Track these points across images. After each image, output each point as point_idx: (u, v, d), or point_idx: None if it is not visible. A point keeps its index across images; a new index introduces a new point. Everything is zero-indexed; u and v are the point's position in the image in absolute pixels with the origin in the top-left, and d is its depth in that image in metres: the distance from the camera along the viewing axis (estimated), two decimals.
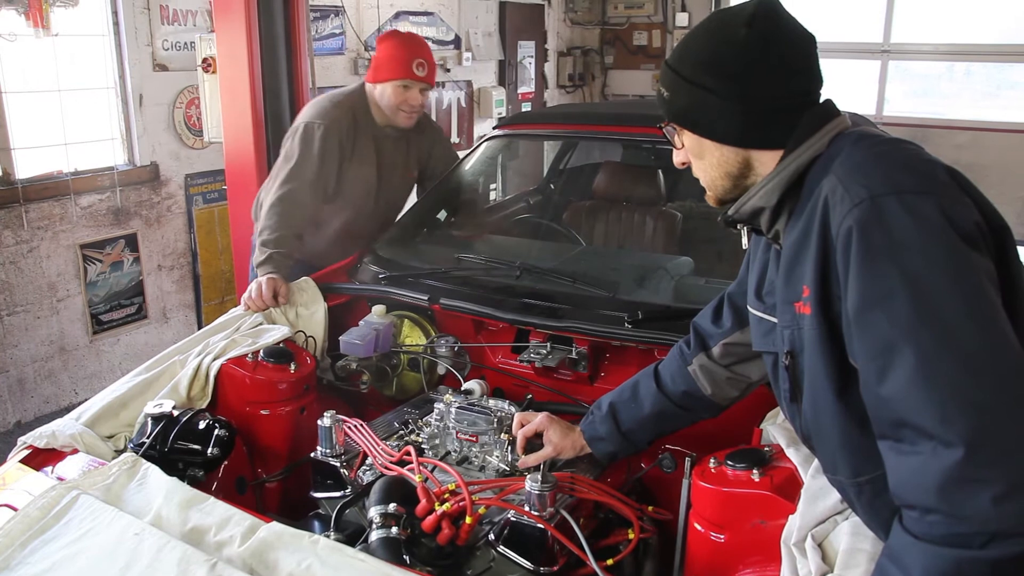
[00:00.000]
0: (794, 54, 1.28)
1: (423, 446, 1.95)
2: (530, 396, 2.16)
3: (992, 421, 0.98)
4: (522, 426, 1.83)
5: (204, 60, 3.84)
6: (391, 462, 1.78)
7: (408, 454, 1.77)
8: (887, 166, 1.15)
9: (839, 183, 1.16)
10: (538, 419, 1.82)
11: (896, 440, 1.07)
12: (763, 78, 1.27)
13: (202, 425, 1.84)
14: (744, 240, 1.48)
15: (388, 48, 2.82)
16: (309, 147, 2.70)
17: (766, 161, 1.32)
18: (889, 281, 1.06)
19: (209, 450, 1.80)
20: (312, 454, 1.88)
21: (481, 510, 1.60)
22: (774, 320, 1.37)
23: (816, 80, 1.31)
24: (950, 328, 1.02)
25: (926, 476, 1.01)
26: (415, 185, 3.17)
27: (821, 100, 1.32)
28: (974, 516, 0.97)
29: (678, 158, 1.42)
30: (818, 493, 1.40)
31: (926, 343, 1.02)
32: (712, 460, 1.55)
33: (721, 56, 1.28)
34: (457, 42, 6.63)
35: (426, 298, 2.31)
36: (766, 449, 1.57)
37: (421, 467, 1.71)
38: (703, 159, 1.37)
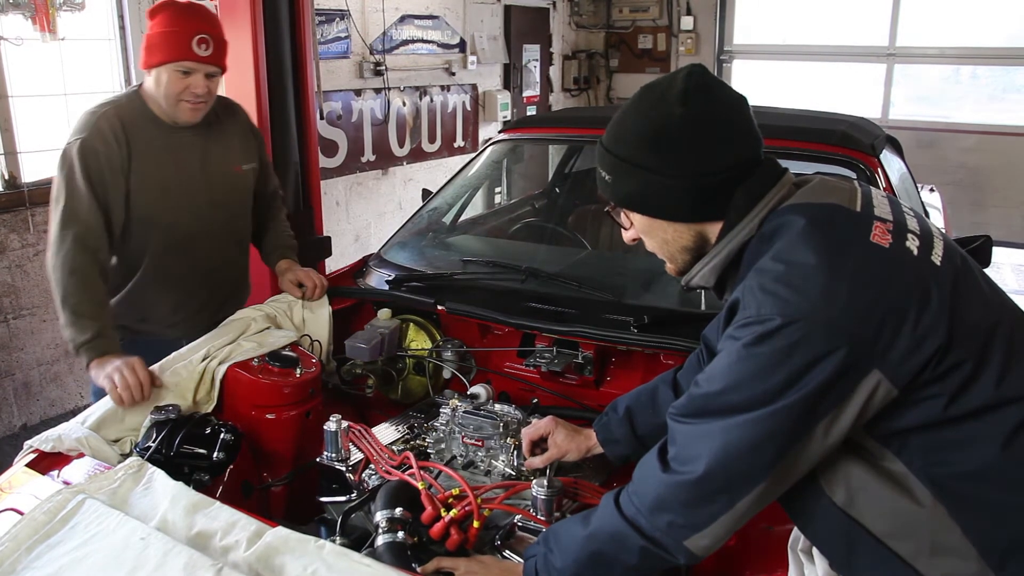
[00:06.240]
0: (733, 121, 1.29)
1: (428, 450, 1.94)
2: (536, 400, 2.15)
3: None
4: (531, 440, 1.81)
5: None
6: (392, 467, 1.78)
7: (407, 459, 1.77)
8: (791, 286, 1.15)
9: (750, 290, 1.19)
10: (543, 422, 1.82)
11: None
12: (705, 152, 1.27)
13: (208, 429, 1.84)
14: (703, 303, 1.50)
15: (160, 22, 2.18)
16: (72, 174, 2.16)
17: (718, 231, 1.32)
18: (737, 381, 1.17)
19: (215, 454, 1.80)
20: (318, 458, 1.88)
21: (486, 513, 1.60)
22: None
23: (758, 140, 1.31)
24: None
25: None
26: (255, 181, 2.52)
27: (763, 158, 1.31)
28: None
29: (628, 235, 1.43)
30: None
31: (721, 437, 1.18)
32: None
33: (660, 134, 1.28)
34: (462, 45, 6.63)
35: (432, 302, 2.31)
36: None
37: (423, 473, 1.70)
38: (656, 237, 1.38)
